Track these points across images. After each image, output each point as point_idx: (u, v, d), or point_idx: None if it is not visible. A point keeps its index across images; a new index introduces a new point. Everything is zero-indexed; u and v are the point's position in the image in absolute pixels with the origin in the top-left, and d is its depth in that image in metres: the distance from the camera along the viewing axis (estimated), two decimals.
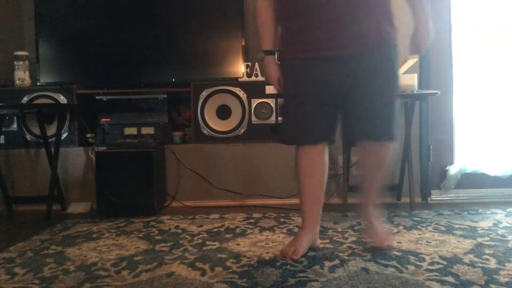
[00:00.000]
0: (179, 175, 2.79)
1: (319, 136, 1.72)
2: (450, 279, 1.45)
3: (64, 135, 2.83)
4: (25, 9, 3.17)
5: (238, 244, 1.90)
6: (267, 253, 1.77)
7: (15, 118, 2.85)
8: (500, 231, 2.00)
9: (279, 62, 1.74)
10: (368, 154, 1.71)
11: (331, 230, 2.07)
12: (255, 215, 2.43)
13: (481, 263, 1.59)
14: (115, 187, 2.50)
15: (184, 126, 3.04)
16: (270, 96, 2.79)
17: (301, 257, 1.68)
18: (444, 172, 2.78)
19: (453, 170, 2.76)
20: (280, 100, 2.77)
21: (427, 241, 1.87)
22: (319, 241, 1.83)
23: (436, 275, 1.48)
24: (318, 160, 1.75)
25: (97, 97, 2.94)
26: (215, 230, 2.15)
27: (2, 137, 2.81)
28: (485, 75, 2.76)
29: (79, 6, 3.03)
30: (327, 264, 1.62)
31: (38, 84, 2.96)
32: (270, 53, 1.75)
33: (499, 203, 2.58)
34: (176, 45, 2.97)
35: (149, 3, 3.00)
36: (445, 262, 1.60)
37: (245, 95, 2.80)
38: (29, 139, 2.86)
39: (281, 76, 1.73)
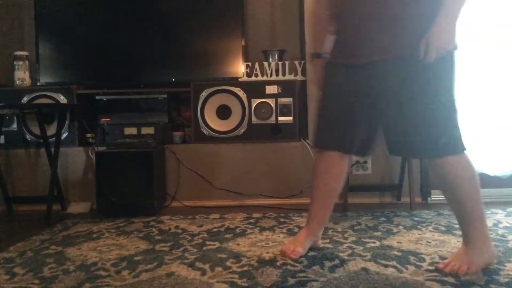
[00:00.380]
0: (179, 175, 2.79)
1: (336, 144, 1.65)
2: (450, 279, 1.45)
3: (64, 135, 2.83)
4: (25, 9, 3.17)
5: (238, 244, 1.90)
6: (267, 253, 1.77)
7: (15, 118, 2.85)
8: (500, 231, 2.00)
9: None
10: (433, 171, 1.58)
11: (331, 230, 2.07)
12: (255, 215, 2.43)
13: None
14: (115, 187, 2.50)
15: (184, 126, 3.04)
16: (270, 96, 2.79)
17: (301, 257, 1.68)
18: None
19: None
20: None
21: (427, 241, 1.87)
22: (320, 242, 1.83)
23: (436, 275, 1.48)
24: (335, 167, 1.69)
25: (97, 97, 2.95)
26: (215, 230, 2.15)
27: (2, 137, 2.81)
28: (485, 75, 2.75)
29: (79, 6, 3.03)
30: (327, 264, 1.62)
31: (38, 84, 2.97)
32: (317, 55, 1.73)
33: (499, 203, 2.58)
34: (176, 45, 2.98)
35: (149, 3, 3.00)
36: None
37: (245, 95, 2.80)
38: (29, 139, 2.86)
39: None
